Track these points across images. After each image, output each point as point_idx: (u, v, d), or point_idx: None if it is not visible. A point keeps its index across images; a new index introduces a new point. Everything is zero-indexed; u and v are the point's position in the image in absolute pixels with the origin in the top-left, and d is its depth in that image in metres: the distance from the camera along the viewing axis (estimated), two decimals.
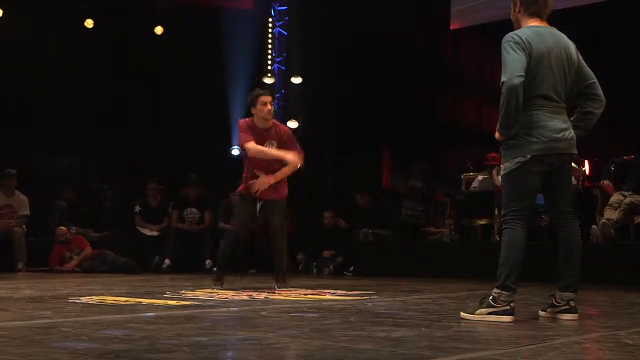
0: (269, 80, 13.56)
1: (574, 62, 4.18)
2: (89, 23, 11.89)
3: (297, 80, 13.29)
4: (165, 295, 5.56)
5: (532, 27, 4.16)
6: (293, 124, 13.25)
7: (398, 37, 11.88)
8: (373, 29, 11.94)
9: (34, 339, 3.09)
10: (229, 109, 12.77)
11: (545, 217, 8.24)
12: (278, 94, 13.78)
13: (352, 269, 10.02)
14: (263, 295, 5.62)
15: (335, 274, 10.08)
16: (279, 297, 5.57)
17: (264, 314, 4.28)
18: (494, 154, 9.18)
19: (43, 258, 10.19)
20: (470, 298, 5.11)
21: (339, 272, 10.16)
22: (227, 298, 5.38)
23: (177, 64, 11.79)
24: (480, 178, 9.82)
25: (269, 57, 13.79)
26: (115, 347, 2.87)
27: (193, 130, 11.95)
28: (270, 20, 13.86)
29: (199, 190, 11.04)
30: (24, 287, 6.49)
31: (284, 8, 13.87)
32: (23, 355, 2.66)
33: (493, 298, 3.97)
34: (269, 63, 13.77)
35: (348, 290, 6.28)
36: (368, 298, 5.57)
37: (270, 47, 13.83)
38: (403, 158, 12.14)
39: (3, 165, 10.41)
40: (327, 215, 10.76)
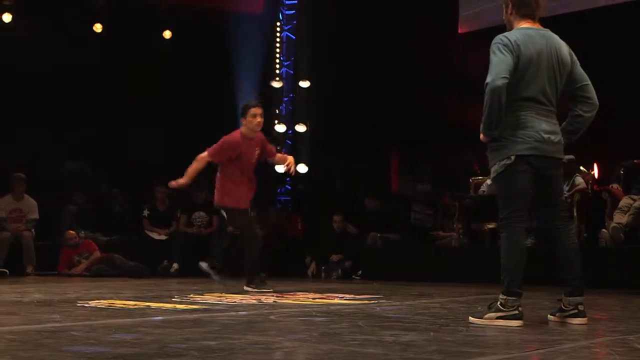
0: (277, 84, 13.58)
1: (566, 63, 4.13)
2: (98, 27, 11.95)
3: (304, 84, 13.29)
4: (174, 299, 5.57)
5: (521, 29, 4.14)
6: (301, 128, 13.26)
7: (405, 40, 11.87)
8: (380, 33, 11.94)
9: (43, 343, 3.10)
10: (237, 112, 12.76)
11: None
12: (286, 98, 13.80)
13: (360, 273, 10.01)
14: (271, 299, 5.62)
15: (344, 278, 10.07)
16: (288, 300, 5.57)
17: (272, 318, 4.28)
18: None
19: (52, 262, 10.23)
20: (479, 302, 5.10)
21: (347, 276, 10.15)
22: (235, 302, 5.38)
23: (185, 68, 11.82)
24: (489, 181, 9.79)
25: (277, 60, 13.80)
26: (124, 350, 2.87)
27: (201, 134, 11.94)
28: (278, 24, 13.87)
29: (207, 193, 11.05)
30: (33, 290, 6.51)
31: (292, 12, 13.88)
32: (32, 359, 2.67)
33: (501, 302, 3.96)
34: (277, 67, 13.78)
35: (356, 294, 6.28)
36: (376, 302, 5.57)
37: (278, 50, 13.84)
38: (411, 162, 12.12)
39: (12, 169, 10.45)
40: (335, 219, 10.74)
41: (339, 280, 9.81)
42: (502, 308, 3.95)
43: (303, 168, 13.03)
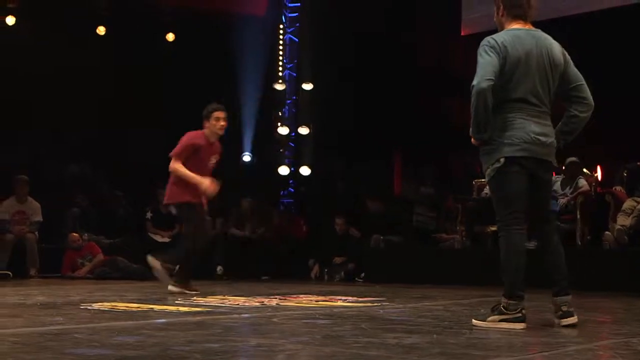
0: (280, 87, 13.59)
1: (558, 63, 4.07)
2: (101, 30, 11.98)
3: (307, 87, 13.30)
4: (177, 302, 5.56)
5: (510, 30, 4.10)
6: (304, 130, 13.26)
7: (407, 42, 11.88)
8: (383, 35, 11.94)
9: (46, 345, 3.10)
10: (240, 115, 12.80)
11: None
12: (289, 100, 13.80)
13: (363, 275, 10.01)
14: (274, 302, 5.62)
15: (346, 280, 10.07)
16: (290, 303, 5.57)
17: (275, 320, 4.28)
18: None
19: (55, 264, 10.23)
20: (482, 304, 5.09)
21: (350, 278, 10.15)
22: (238, 304, 5.38)
23: (188, 70, 11.82)
24: None
25: (280, 63, 13.81)
26: (127, 353, 2.87)
27: None
28: (281, 27, 13.88)
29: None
30: (36, 293, 6.51)
31: (295, 14, 13.90)
32: None
33: (503, 305, 3.95)
34: (280, 69, 13.79)
35: (359, 297, 6.27)
36: (379, 304, 5.56)
37: (281, 53, 13.85)
38: (414, 164, 12.12)
39: (14, 171, 10.46)
40: (338, 222, 10.74)
41: (342, 283, 9.80)
42: (505, 311, 3.94)
43: (306, 170, 13.03)
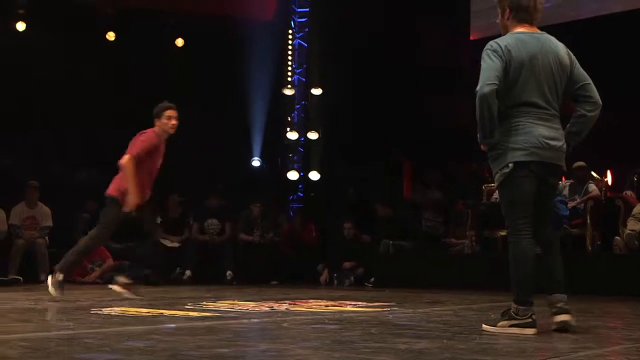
0: (289, 92, 13.60)
1: (565, 65, 4.05)
2: (111, 35, 12.03)
3: (317, 91, 13.31)
4: (187, 307, 5.57)
5: (514, 33, 4.08)
6: (313, 135, 13.27)
7: (417, 47, 11.86)
8: (392, 41, 11.93)
9: (57, 350, 3.11)
10: (249, 120, 12.82)
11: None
12: (298, 105, 13.82)
13: (372, 280, 9.99)
14: (284, 307, 5.62)
15: (356, 285, 10.06)
16: (300, 308, 5.56)
17: (285, 325, 4.28)
18: None
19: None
20: (492, 309, 5.08)
21: (360, 283, 10.14)
22: (247, 309, 5.38)
23: (197, 75, 11.85)
24: None
25: (289, 68, 13.83)
26: (137, 358, 2.87)
27: (213, 141, 11.99)
28: (290, 32, 13.91)
29: (219, 200, 11.07)
30: (46, 298, 6.53)
31: (304, 19, 13.92)
32: None
33: (513, 311, 3.94)
34: (289, 74, 13.81)
35: (369, 302, 6.27)
36: (389, 309, 5.55)
37: (290, 58, 13.87)
38: (422, 168, 12.11)
39: (25, 177, 10.49)
40: (347, 226, 10.74)
41: (352, 288, 9.80)
42: (515, 316, 3.93)
43: (315, 175, 13.04)
